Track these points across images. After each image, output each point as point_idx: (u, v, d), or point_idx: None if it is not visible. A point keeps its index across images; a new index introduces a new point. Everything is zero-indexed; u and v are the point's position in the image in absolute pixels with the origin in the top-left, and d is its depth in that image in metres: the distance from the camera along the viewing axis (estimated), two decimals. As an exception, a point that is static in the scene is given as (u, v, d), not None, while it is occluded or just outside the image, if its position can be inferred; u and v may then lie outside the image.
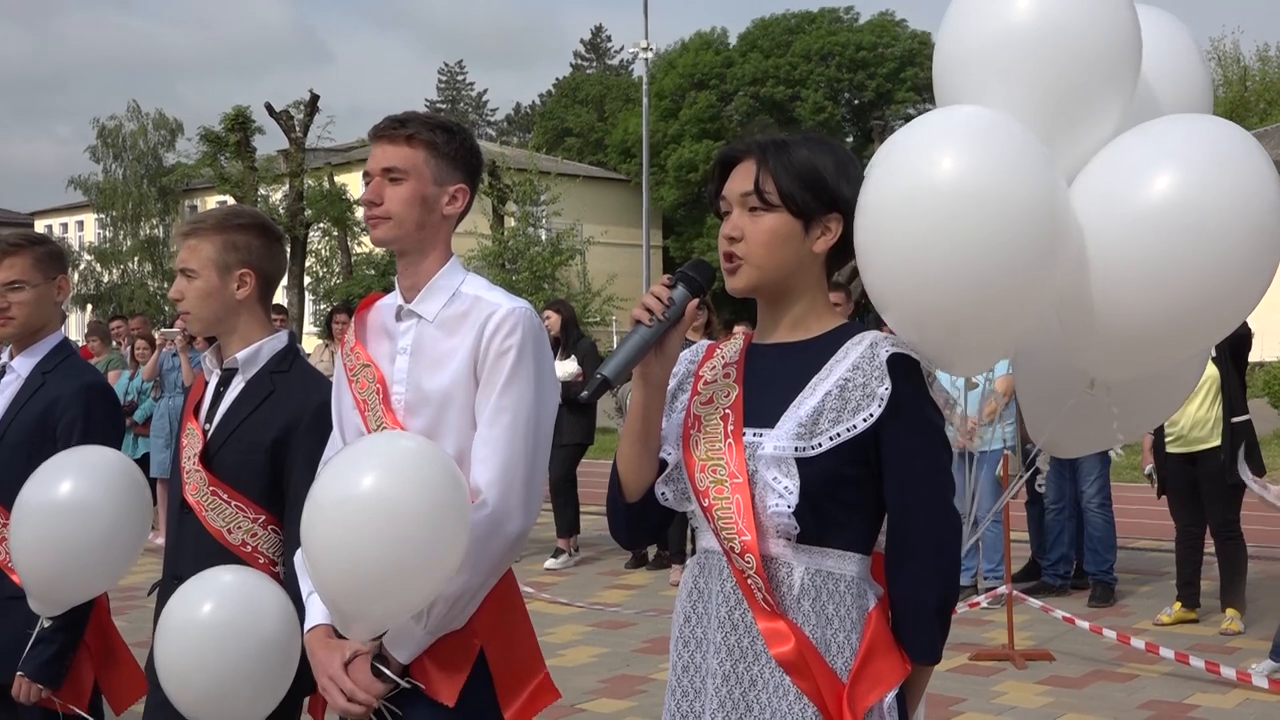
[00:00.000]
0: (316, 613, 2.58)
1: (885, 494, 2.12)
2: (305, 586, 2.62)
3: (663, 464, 2.24)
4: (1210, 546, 7.20)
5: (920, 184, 2.06)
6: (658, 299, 2.13)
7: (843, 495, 2.09)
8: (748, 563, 2.07)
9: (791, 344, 2.19)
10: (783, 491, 2.06)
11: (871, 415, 2.06)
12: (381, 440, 2.47)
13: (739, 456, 2.10)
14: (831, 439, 2.06)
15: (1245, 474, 6.04)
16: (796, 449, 2.07)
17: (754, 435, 2.12)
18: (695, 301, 2.16)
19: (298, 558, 2.57)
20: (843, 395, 2.09)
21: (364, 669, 2.48)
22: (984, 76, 2.22)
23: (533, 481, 2.55)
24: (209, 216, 3.00)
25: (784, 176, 2.13)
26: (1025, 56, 2.19)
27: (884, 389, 2.07)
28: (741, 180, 2.17)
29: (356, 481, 2.32)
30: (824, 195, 2.14)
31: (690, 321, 2.19)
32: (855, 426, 2.06)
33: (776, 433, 2.09)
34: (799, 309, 2.20)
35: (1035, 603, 6.81)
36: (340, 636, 2.51)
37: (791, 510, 2.06)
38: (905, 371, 2.10)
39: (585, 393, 2.24)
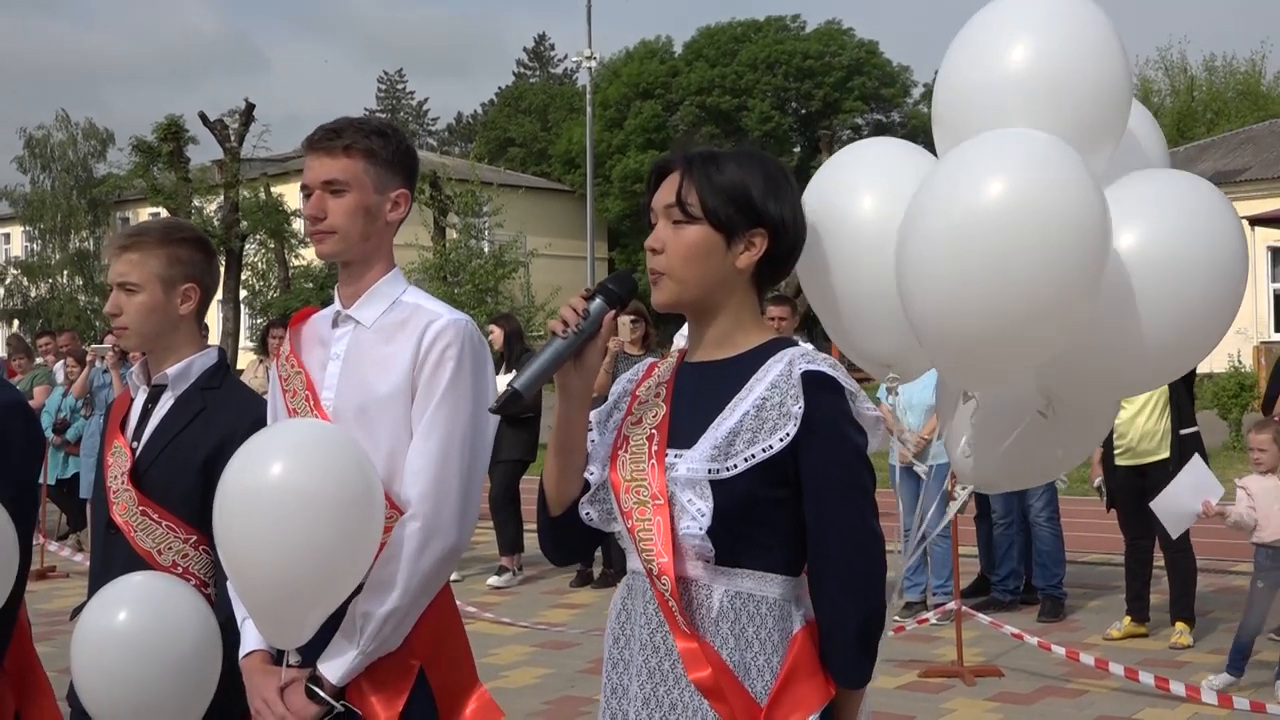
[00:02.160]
0: (251, 638, 2.55)
1: (804, 514, 2.07)
2: (240, 612, 2.58)
3: (586, 483, 2.22)
4: (1160, 560, 7.22)
5: (972, 209, 2.11)
6: (574, 310, 2.12)
7: (763, 517, 2.06)
8: (664, 585, 2.06)
9: (716, 362, 2.17)
10: (695, 514, 2.04)
11: (788, 435, 2.03)
12: (287, 425, 2.50)
13: (660, 478, 2.09)
14: (746, 460, 2.04)
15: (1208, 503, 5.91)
16: (710, 471, 2.05)
17: (674, 456, 2.10)
18: (613, 313, 2.15)
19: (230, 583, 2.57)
20: (760, 415, 2.06)
21: (298, 693, 2.45)
22: (998, 115, 2.29)
23: (467, 497, 2.51)
24: (149, 229, 2.93)
25: (707, 189, 2.11)
26: (1032, 99, 2.27)
27: (798, 408, 2.04)
28: (667, 192, 2.16)
29: (263, 466, 2.34)
30: (749, 210, 2.12)
31: (609, 333, 2.16)
32: (771, 447, 2.04)
33: (691, 454, 2.07)
34: (724, 325, 2.17)
35: (984, 618, 6.81)
36: (275, 663, 2.49)
37: (704, 531, 2.04)
38: (821, 389, 2.05)
39: (494, 404, 2.18)
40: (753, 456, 2.03)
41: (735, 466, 2.04)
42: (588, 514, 2.21)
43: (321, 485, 2.32)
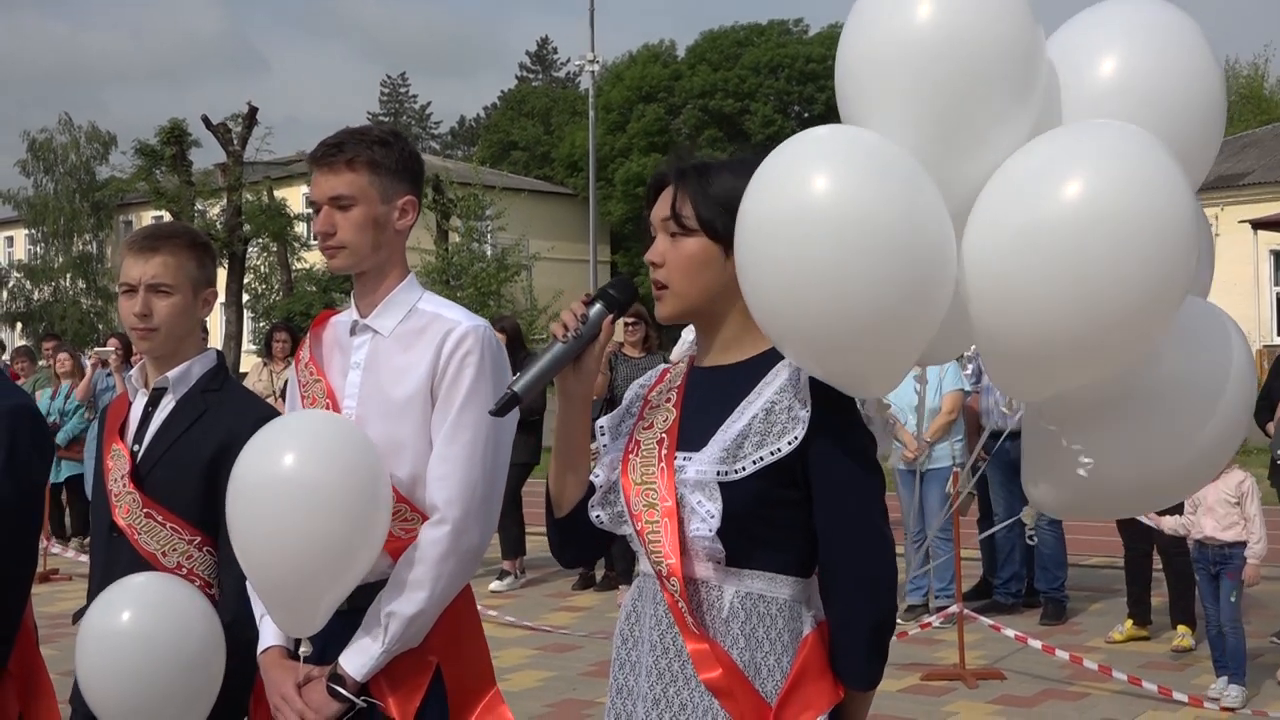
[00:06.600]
0: (270, 634, 2.59)
1: (814, 517, 2.09)
2: (258, 609, 2.61)
3: (591, 486, 2.24)
4: (1159, 563, 7.21)
5: (785, 208, 1.96)
6: (574, 315, 2.15)
7: (773, 518, 2.08)
8: (673, 586, 2.07)
9: (724, 367, 2.19)
10: (705, 515, 2.06)
11: (795, 438, 2.05)
12: (293, 416, 2.57)
13: (669, 480, 2.11)
14: (755, 463, 2.06)
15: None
16: (719, 473, 2.07)
17: (683, 459, 2.12)
18: (611, 318, 2.17)
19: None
20: (768, 419, 2.08)
21: (319, 690, 2.47)
22: (874, 91, 2.10)
23: (491, 499, 2.55)
24: (176, 232, 2.95)
25: (702, 200, 2.13)
26: (913, 71, 2.05)
27: (805, 412, 2.06)
28: (663, 205, 2.18)
29: (272, 458, 2.41)
30: None
31: (609, 338, 2.18)
32: (780, 450, 2.06)
33: (700, 456, 2.10)
34: (729, 332, 2.20)
35: (986, 621, 6.81)
36: (293, 658, 2.52)
37: (713, 533, 2.05)
38: (829, 393, 2.07)
39: (493, 406, 2.21)
40: (761, 459, 2.06)
41: (744, 469, 2.06)
42: (598, 516, 2.23)
43: (327, 472, 2.37)
